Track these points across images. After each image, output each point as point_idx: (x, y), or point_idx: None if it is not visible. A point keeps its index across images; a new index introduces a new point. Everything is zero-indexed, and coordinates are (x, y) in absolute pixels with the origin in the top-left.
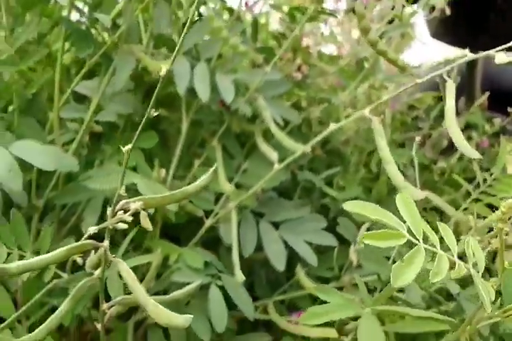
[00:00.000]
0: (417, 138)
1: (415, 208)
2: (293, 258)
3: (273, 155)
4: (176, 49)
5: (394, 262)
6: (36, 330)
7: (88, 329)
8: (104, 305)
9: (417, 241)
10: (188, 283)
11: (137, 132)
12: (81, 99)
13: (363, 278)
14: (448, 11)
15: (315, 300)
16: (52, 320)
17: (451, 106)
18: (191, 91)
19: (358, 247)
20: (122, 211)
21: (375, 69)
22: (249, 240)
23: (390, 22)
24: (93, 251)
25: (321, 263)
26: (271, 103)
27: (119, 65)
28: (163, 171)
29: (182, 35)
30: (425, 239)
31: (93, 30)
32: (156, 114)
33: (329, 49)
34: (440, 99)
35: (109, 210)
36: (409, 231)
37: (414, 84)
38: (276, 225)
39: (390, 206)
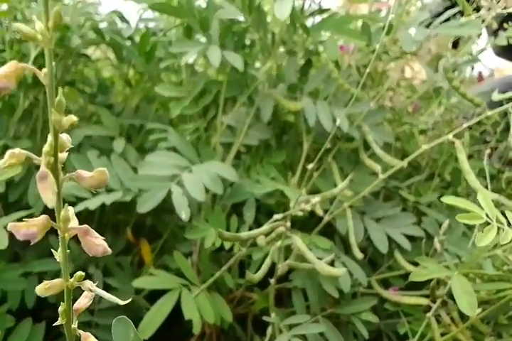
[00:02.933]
0: (486, 151)
1: (491, 201)
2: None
3: (377, 167)
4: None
5: None
6: (257, 273)
7: (234, 296)
8: (279, 265)
9: (491, 221)
10: (320, 259)
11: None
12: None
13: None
14: None
15: (404, 280)
16: (263, 268)
17: None
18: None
19: (442, 238)
20: (303, 203)
21: (450, 94)
22: (358, 230)
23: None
24: None
25: (412, 250)
26: (372, 128)
27: (262, 103)
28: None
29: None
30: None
31: None
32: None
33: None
34: (505, 114)
35: (292, 203)
36: (487, 215)
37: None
38: (375, 220)
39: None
